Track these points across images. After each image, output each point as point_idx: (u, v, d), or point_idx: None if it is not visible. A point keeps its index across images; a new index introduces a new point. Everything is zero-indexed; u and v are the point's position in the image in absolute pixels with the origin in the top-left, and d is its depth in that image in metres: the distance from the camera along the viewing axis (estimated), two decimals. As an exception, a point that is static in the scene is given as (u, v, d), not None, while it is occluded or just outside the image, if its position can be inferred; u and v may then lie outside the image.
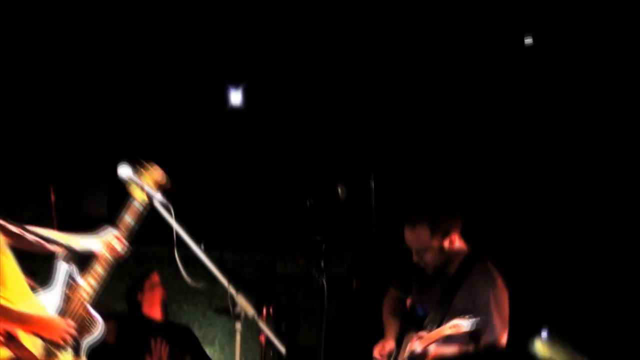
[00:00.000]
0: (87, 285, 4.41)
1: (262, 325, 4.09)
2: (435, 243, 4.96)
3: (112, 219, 4.50)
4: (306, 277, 5.22)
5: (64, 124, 7.42)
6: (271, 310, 5.52)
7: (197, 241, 4.04)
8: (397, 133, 7.65)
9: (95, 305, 5.80)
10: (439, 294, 5.03)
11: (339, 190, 4.85)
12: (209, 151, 7.71)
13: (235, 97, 7.39)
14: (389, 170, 7.32)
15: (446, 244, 4.97)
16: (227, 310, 4.03)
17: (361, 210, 6.07)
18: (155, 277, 6.20)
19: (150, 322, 6.07)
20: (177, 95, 7.45)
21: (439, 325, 4.88)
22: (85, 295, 4.38)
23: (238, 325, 3.99)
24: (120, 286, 7.24)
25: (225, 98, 7.48)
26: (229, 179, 7.85)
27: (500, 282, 4.93)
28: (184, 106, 7.50)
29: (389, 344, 5.19)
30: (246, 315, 3.96)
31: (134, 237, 7.78)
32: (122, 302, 6.95)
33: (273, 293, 7.66)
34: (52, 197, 6.95)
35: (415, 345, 4.92)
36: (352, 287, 6.31)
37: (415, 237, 4.99)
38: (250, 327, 7.69)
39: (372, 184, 5.93)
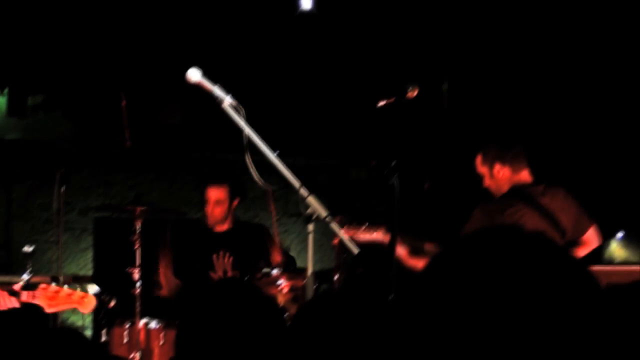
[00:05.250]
0: None
1: (335, 228, 4.07)
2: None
3: (185, 128, 4.49)
4: (380, 182, 5.19)
5: (136, 30, 7.44)
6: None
7: (271, 149, 4.02)
8: (475, 37, 7.49)
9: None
10: None
11: (410, 89, 4.75)
12: (280, 57, 7.67)
13: (306, 1, 7.31)
14: (463, 74, 7.20)
15: None
16: (301, 215, 4.02)
17: (434, 113, 6.01)
18: (212, 190, 6.07)
19: (212, 235, 6.05)
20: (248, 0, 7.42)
21: None
22: None
23: (310, 227, 3.98)
24: (195, 195, 7.32)
25: (295, 2, 7.41)
26: (300, 85, 7.81)
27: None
28: (254, 11, 7.45)
29: None
30: (318, 218, 3.94)
31: (209, 146, 7.86)
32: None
33: (347, 198, 7.68)
34: (123, 103, 7.00)
35: None
36: (423, 188, 6.28)
37: None
38: (327, 233, 7.73)
39: (446, 88, 5.84)
